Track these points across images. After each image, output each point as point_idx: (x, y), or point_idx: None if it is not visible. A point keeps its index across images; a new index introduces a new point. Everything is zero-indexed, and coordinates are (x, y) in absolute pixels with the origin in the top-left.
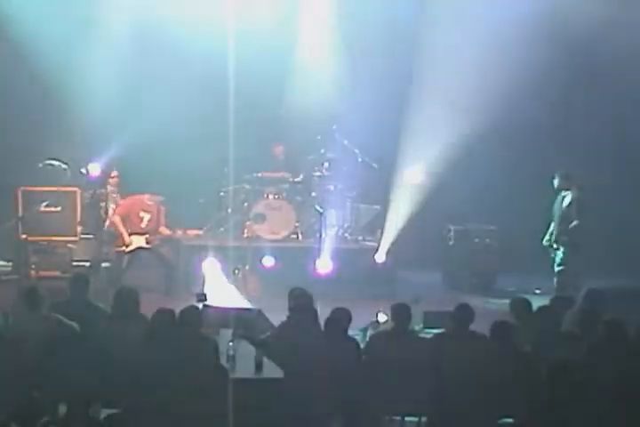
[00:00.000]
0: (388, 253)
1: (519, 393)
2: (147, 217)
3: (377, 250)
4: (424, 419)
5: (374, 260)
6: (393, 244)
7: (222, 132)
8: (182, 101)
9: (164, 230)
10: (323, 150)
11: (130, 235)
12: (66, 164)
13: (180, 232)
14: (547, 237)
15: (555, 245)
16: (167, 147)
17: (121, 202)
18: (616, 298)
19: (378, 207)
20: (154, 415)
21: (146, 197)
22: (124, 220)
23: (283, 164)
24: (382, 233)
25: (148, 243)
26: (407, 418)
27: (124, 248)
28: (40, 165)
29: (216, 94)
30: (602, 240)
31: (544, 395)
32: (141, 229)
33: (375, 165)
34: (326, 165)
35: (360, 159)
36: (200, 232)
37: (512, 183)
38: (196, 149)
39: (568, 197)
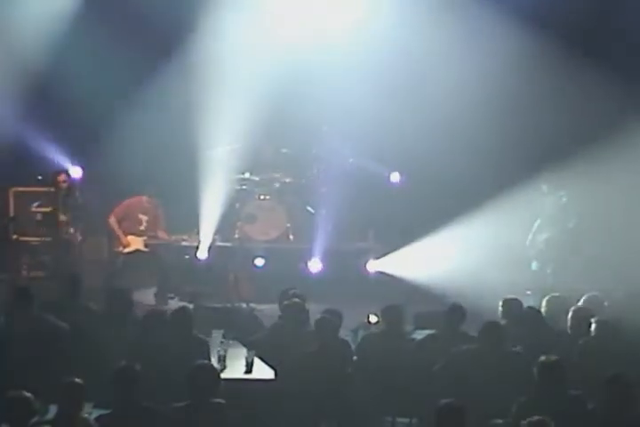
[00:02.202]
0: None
1: (510, 394)
2: (145, 219)
3: (368, 253)
4: (415, 420)
5: (365, 262)
6: (384, 247)
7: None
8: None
9: (163, 235)
10: (314, 151)
11: (127, 235)
12: None
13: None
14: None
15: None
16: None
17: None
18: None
19: (369, 208)
20: (144, 416)
21: (144, 199)
22: (122, 221)
23: (273, 164)
24: (373, 235)
25: (146, 246)
26: (398, 419)
27: (121, 249)
28: None
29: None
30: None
31: (535, 395)
32: (140, 231)
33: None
34: (318, 165)
35: (351, 160)
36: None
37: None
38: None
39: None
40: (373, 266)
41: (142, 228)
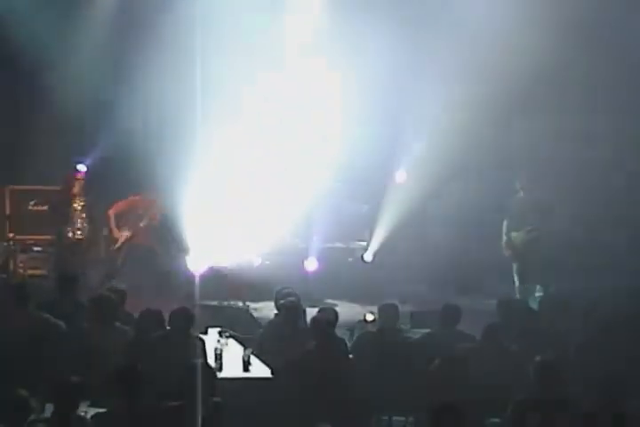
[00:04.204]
0: (376, 253)
1: (506, 393)
2: (146, 216)
3: (365, 250)
4: (411, 418)
5: (362, 259)
6: (381, 244)
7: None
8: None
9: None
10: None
11: (120, 230)
12: None
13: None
14: None
15: None
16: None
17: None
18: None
19: (366, 207)
20: (141, 415)
21: (148, 195)
22: (120, 217)
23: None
24: (370, 233)
25: (129, 230)
26: (394, 417)
27: (115, 246)
28: None
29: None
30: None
31: (531, 394)
32: (140, 228)
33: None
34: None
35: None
36: None
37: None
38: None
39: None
40: (368, 256)
41: (142, 225)
